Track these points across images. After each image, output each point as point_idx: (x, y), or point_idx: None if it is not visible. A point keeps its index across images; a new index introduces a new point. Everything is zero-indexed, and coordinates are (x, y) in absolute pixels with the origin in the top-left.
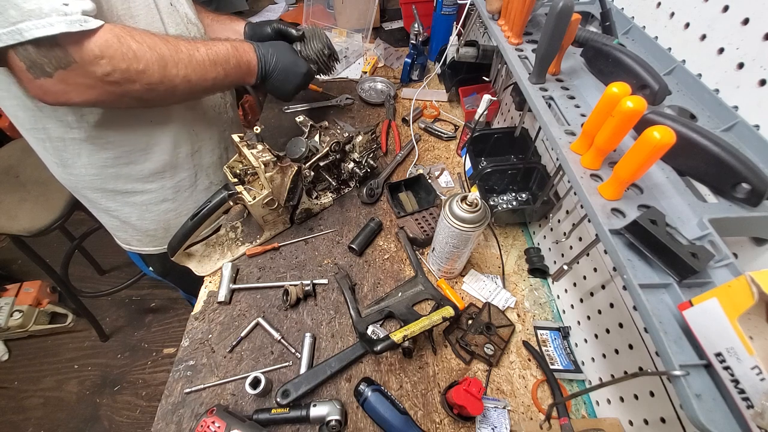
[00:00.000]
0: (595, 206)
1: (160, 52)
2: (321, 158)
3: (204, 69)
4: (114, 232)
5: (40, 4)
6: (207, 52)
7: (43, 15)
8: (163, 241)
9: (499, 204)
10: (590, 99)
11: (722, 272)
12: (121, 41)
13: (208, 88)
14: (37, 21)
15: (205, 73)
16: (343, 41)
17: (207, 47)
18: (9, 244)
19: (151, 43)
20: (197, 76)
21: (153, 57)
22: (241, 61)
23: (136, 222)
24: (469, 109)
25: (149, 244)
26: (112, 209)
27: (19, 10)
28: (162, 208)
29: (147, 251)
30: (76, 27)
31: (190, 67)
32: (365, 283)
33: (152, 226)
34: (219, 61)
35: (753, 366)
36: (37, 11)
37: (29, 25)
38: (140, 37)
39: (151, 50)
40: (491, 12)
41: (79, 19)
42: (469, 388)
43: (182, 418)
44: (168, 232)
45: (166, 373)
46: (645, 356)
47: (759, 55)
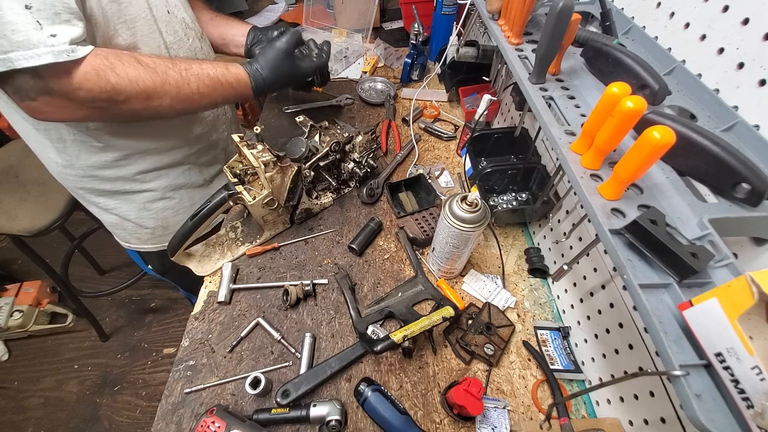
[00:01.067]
0: (595, 206)
1: (142, 86)
2: (321, 158)
3: (191, 100)
4: (113, 230)
5: (29, 36)
6: (198, 84)
7: (31, 46)
8: (162, 239)
9: (499, 204)
10: (590, 99)
11: (722, 272)
12: (99, 75)
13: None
14: (25, 52)
15: (192, 102)
16: (343, 41)
17: (198, 79)
18: (9, 244)
19: (133, 76)
20: (184, 106)
21: (134, 90)
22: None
23: (134, 220)
24: (469, 109)
25: (148, 242)
26: (110, 207)
27: (7, 40)
28: (160, 206)
29: (146, 249)
30: (62, 57)
31: (176, 98)
32: (365, 283)
33: (151, 224)
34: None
35: (753, 366)
36: (25, 42)
37: (18, 55)
38: (122, 70)
39: (131, 83)
40: (491, 12)
41: (66, 49)
42: (469, 388)
43: (182, 418)
44: (166, 230)
45: (166, 373)
46: (645, 356)
47: (759, 55)
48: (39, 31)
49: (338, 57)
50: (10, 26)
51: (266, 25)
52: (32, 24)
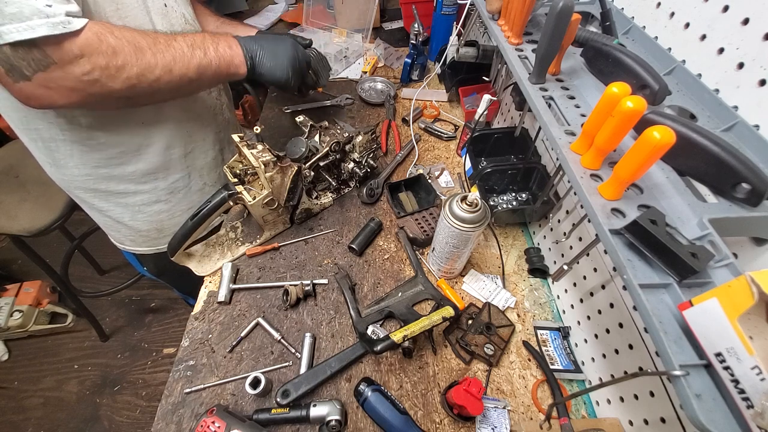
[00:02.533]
0: (595, 206)
1: (138, 45)
2: (321, 158)
3: (183, 56)
4: (108, 231)
5: (21, 7)
6: (184, 39)
7: (24, 18)
8: (157, 242)
9: (499, 204)
10: (590, 99)
11: (722, 272)
12: (100, 38)
13: (194, 79)
14: (18, 24)
15: (185, 60)
16: (343, 41)
17: (184, 36)
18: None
19: (129, 37)
20: (179, 65)
21: (130, 49)
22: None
23: (128, 222)
24: (469, 109)
25: (143, 245)
26: (104, 209)
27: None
28: (155, 209)
29: (140, 251)
30: (59, 29)
31: (168, 54)
32: (365, 283)
33: (145, 227)
34: (197, 44)
35: (753, 366)
36: (18, 14)
37: (9, 28)
38: (119, 33)
39: (129, 44)
40: (491, 12)
41: (62, 20)
42: (469, 388)
43: (182, 418)
44: (161, 233)
45: (166, 373)
46: (645, 356)
47: (759, 55)
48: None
49: (338, 57)
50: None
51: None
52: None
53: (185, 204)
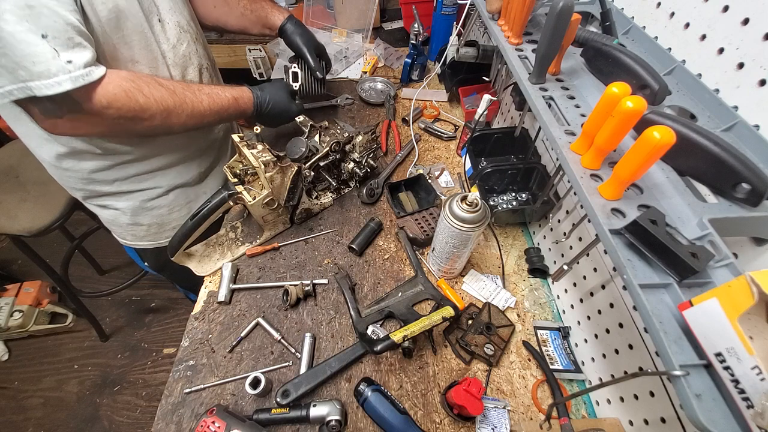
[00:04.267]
0: (595, 206)
1: (165, 105)
2: (321, 158)
3: (202, 116)
4: (110, 227)
5: (48, 65)
6: (210, 104)
7: (51, 75)
8: (157, 236)
9: (499, 204)
10: (590, 99)
11: (722, 272)
12: (129, 96)
13: (207, 124)
14: (46, 81)
15: (202, 119)
16: (343, 41)
17: (210, 99)
18: (9, 244)
19: (158, 96)
20: (195, 122)
21: (158, 109)
22: (239, 109)
23: (130, 218)
24: (469, 109)
25: (144, 239)
26: (107, 205)
27: (27, 71)
28: (155, 203)
29: (142, 246)
30: (80, 82)
31: (191, 117)
32: (365, 283)
33: (146, 221)
34: (217, 110)
35: (753, 366)
36: (46, 72)
37: (39, 84)
38: (148, 91)
39: (157, 103)
40: (491, 12)
41: (82, 73)
42: (469, 388)
43: (182, 418)
44: (162, 228)
45: (166, 373)
46: (645, 356)
47: (759, 55)
48: (57, 59)
49: (338, 57)
50: (31, 58)
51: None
52: (50, 53)
53: (184, 199)
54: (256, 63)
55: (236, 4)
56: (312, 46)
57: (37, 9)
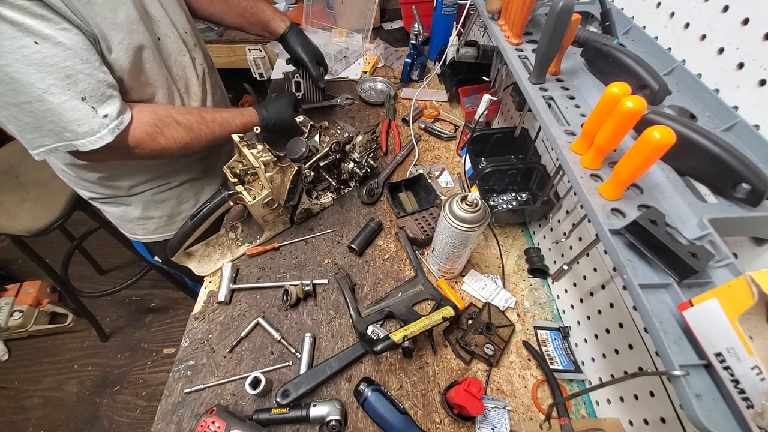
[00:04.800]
0: (595, 206)
1: (183, 143)
2: (321, 158)
3: (215, 143)
4: (119, 223)
5: (91, 125)
6: (221, 133)
7: (94, 132)
8: (167, 228)
9: (499, 204)
10: (590, 99)
11: (722, 272)
12: (153, 139)
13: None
14: (91, 138)
15: (214, 143)
16: (343, 41)
17: (222, 129)
18: (9, 244)
19: (177, 137)
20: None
21: (177, 147)
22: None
23: (140, 212)
24: (469, 109)
25: (154, 233)
26: (117, 202)
27: (74, 133)
28: (164, 196)
29: (152, 239)
30: (116, 132)
31: (205, 147)
32: (365, 283)
33: (157, 214)
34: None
35: (753, 366)
36: (89, 132)
37: (84, 142)
38: (168, 133)
39: (176, 143)
40: (491, 12)
41: (117, 123)
42: (469, 388)
43: (182, 418)
44: (171, 220)
45: (166, 373)
46: (645, 356)
47: (759, 55)
48: (96, 117)
49: (338, 57)
50: (77, 122)
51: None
52: (90, 113)
53: (191, 191)
54: (255, 63)
55: (236, 4)
56: (313, 54)
57: (74, 77)
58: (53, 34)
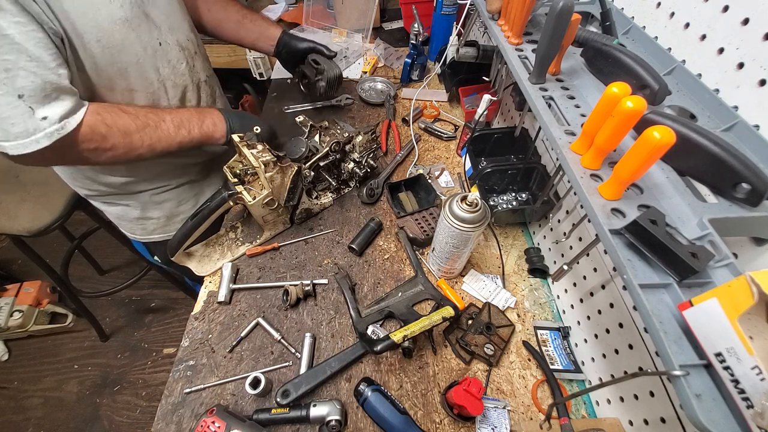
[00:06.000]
0: (595, 206)
1: (127, 131)
2: (321, 158)
3: (168, 136)
4: (118, 222)
5: (26, 125)
6: (172, 120)
7: (28, 134)
8: (167, 229)
9: (499, 204)
10: (590, 99)
11: (722, 272)
12: (93, 129)
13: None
14: (23, 141)
15: (169, 140)
16: (343, 41)
17: (173, 116)
18: (9, 244)
19: (120, 125)
20: (162, 144)
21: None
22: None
23: (139, 212)
24: (469, 109)
25: (154, 233)
26: (116, 201)
27: (4, 132)
28: (164, 197)
29: (152, 239)
30: (55, 137)
31: (155, 136)
32: (365, 283)
33: (156, 215)
34: (183, 124)
35: (753, 366)
36: (24, 132)
37: (14, 144)
38: (111, 120)
39: (119, 131)
40: (491, 12)
41: (57, 128)
42: (469, 388)
43: (182, 418)
44: (170, 220)
45: (166, 373)
46: (645, 356)
47: (759, 55)
48: (32, 118)
49: (338, 57)
50: (9, 120)
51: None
52: (27, 113)
53: (190, 192)
54: (255, 63)
55: (234, 12)
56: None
57: (13, 72)
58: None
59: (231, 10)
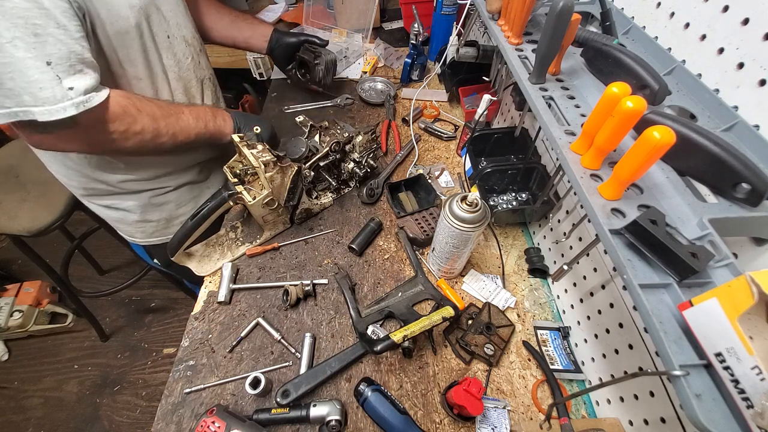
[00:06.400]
0: (595, 206)
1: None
2: (321, 158)
3: (188, 126)
4: (118, 226)
5: (54, 91)
6: (191, 112)
7: (56, 101)
8: (166, 231)
9: (499, 204)
10: (590, 99)
11: (722, 272)
12: (125, 110)
13: (191, 143)
14: (51, 107)
15: (189, 130)
16: (343, 41)
17: (191, 109)
18: (9, 244)
19: (148, 110)
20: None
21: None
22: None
23: (139, 215)
24: (469, 109)
25: (153, 235)
26: (115, 204)
27: (32, 96)
28: (163, 199)
29: (151, 242)
30: (81, 108)
31: (177, 125)
32: (365, 283)
33: (155, 217)
34: (200, 117)
35: (753, 366)
36: (52, 98)
37: (42, 110)
38: (141, 105)
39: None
40: (491, 12)
41: (83, 99)
42: (469, 388)
43: (182, 418)
44: (170, 223)
45: (166, 373)
46: (645, 356)
47: (759, 55)
48: (60, 85)
49: (338, 57)
50: (38, 84)
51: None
52: (55, 80)
53: (189, 194)
54: (255, 63)
55: (227, 14)
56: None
57: (43, 37)
58: None
59: (224, 13)
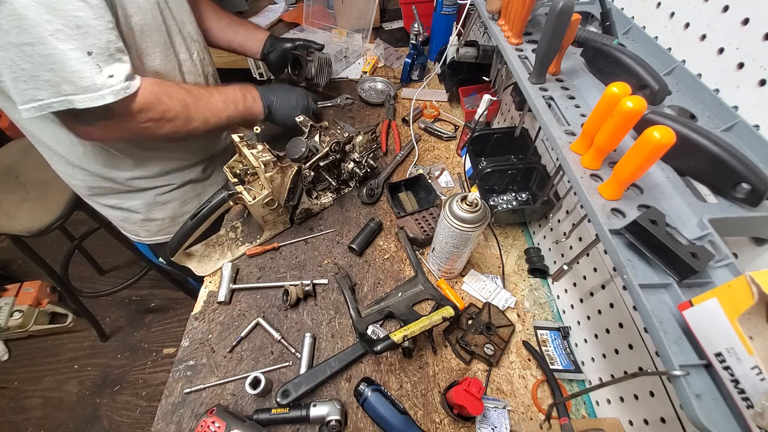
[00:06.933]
0: (595, 206)
1: (185, 103)
2: (321, 158)
3: (218, 110)
4: (122, 225)
5: (94, 80)
6: (220, 95)
7: (96, 89)
8: (171, 230)
9: (499, 204)
10: (590, 99)
11: (722, 272)
12: (158, 99)
13: (223, 126)
14: (91, 95)
15: (220, 113)
16: (343, 41)
17: (220, 92)
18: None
19: (180, 97)
20: (214, 118)
21: (180, 107)
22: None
23: (143, 214)
24: (469, 109)
25: (158, 234)
26: (119, 204)
27: (73, 85)
28: (168, 197)
29: (156, 241)
30: (121, 95)
31: (208, 110)
32: (365, 283)
33: (160, 216)
34: (229, 100)
35: (753, 366)
36: (92, 87)
37: (83, 98)
38: (173, 92)
39: (179, 102)
40: (491, 12)
41: (123, 86)
42: (469, 388)
43: (182, 418)
44: (174, 221)
45: (166, 373)
46: (645, 356)
47: (759, 55)
48: (100, 74)
49: (338, 57)
50: (79, 74)
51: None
52: (95, 69)
53: (193, 192)
54: (256, 63)
55: (224, 17)
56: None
57: (84, 29)
58: None
59: (221, 16)
